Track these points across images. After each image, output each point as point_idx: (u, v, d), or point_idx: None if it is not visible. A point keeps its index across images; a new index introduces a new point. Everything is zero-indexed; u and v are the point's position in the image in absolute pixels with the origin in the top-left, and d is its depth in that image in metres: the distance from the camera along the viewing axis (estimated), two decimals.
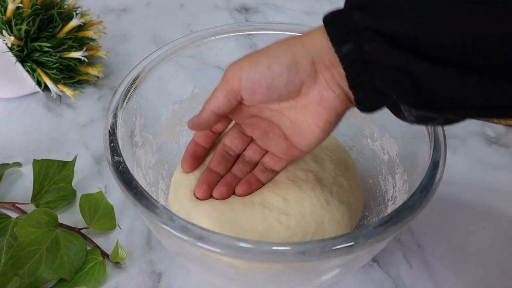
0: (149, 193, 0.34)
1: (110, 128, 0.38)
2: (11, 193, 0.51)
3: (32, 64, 0.57)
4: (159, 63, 0.44)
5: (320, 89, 0.33)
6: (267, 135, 0.39)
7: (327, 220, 0.41)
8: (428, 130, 0.38)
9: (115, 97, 0.40)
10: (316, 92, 0.33)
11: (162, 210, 0.32)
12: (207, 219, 0.39)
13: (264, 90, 0.34)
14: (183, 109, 0.48)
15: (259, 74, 0.33)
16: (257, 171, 0.41)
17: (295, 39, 0.33)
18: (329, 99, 0.33)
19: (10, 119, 0.60)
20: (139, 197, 0.33)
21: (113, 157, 0.36)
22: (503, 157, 0.56)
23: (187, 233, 0.31)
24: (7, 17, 0.54)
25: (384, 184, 0.44)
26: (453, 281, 0.45)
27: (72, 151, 0.56)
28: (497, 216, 0.50)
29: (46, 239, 0.43)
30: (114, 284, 0.44)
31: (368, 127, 0.46)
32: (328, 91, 0.33)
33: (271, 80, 0.33)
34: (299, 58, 0.32)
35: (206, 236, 0.31)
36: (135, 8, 0.78)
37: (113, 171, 0.35)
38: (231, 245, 0.30)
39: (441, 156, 0.36)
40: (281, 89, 0.34)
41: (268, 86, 0.34)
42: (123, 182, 0.34)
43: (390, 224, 0.31)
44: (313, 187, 0.42)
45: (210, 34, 0.46)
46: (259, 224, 0.39)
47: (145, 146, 0.43)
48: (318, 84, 0.33)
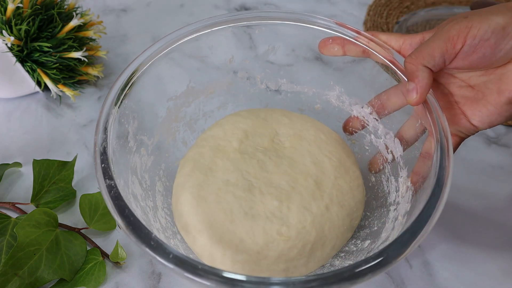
0: (144, 217, 0.32)
1: (101, 147, 0.36)
2: (11, 193, 0.51)
3: (32, 64, 0.56)
4: (152, 62, 0.42)
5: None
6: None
7: (327, 228, 0.41)
8: (435, 136, 0.37)
9: (104, 108, 0.38)
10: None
11: (157, 243, 0.31)
12: (207, 229, 0.39)
13: (487, 50, 0.34)
14: (178, 105, 0.47)
15: (491, 33, 0.34)
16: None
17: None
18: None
19: (10, 119, 0.60)
20: (132, 227, 0.31)
21: (105, 180, 0.34)
22: (503, 157, 0.56)
23: (182, 268, 0.29)
24: (7, 17, 0.54)
25: (387, 185, 0.44)
26: (453, 281, 0.45)
27: (72, 151, 0.56)
28: (497, 216, 0.50)
29: (46, 239, 0.43)
30: (114, 284, 0.44)
31: (372, 123, 0.46)
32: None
33: (500, 41, 0.34)
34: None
35: (201, 272, 0.29)
36: (135, 8, 0.78)
37: (105, 195, 0.33)
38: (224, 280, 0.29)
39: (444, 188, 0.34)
40: (502, 53, 0.34)
41: (494, 47, 0.34)
42: (116, 210, 0.32)
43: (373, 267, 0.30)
44: (313, 193, 0.42)
45: (204, 26, 0.45)
46: (259, 236, 0.39)
47: (140, 150, 0.43)
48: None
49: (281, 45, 0.49)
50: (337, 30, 0.44)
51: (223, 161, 0.44)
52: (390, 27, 0.74)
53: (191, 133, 0.50)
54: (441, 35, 0.36)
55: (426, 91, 0.36)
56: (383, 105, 0.43)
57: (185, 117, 0.48)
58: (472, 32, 0.34)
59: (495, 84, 0.37)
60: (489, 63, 0.36)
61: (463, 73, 0.39)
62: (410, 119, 0.41)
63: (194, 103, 0.49)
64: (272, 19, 0.45)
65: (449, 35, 0.35)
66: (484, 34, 0.34)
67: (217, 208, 0.40)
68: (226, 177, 0.42)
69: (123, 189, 0.35)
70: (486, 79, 0.38)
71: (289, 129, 0.47)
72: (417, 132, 0.40)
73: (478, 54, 0.35)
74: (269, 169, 0.43)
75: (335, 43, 0.43)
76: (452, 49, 0.35)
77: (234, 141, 0.45)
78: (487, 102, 0.37)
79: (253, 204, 0.41)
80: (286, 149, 0.45)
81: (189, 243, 0.41)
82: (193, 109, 0.49)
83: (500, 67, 0.37)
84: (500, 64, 0.36)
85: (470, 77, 0.38)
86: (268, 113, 0.49)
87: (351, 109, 0.48)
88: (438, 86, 0.40)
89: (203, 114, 0.50)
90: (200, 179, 0.43)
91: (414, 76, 0.36)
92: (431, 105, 0.37)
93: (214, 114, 0.51)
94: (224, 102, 0.51)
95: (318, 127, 0.48)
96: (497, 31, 0.34)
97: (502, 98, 0.36)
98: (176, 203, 0.43)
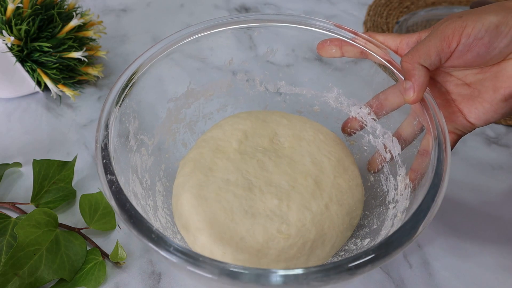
0: (144, 215, 0.32)
1: (102, 143, 0.36)
2: (11, 193, 0.51)
3: (32, 64, 0.56)
4: (152, 63, 0.43)
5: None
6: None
7: (327, 226, 0.41)
8: (433, 134, 0.37)
9: (106, 106, 0.38)
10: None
11: (158, 236, 0.31)
12: (208, 228, 0.39)
13: (481, 49, 0.34)
14: (178, 106, 0.48)
15: (484, 32, 0.34)
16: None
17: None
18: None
19: (10, 119, 0.60)
20: (133, 220, 0.32)
21: (106, 176, 0.34)
22: (503, 157, 0.56)
23: (184, 260, 0.30)
24: (7, 17, 0.54)
25: (385, 183, 0.44)
26: (453, 281, 0.45)
27: (72, 151, 0.56)
28: (497, 216, 0.50)
29: (46, 239, 0.43)
30: (114, 284, 0.44)
31: (370, 123, 0.46)
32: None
33: (494, 40, 0.34)
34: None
35: (202, 264, 0.29)
36: (135, 8, 0.78)
37: (106, 191, 0.33)
38: (226, 271, 0.29)
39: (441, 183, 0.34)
40: (496, 51, 0.35)
41: (488, 45, 0.34)
42: (117, 204, 0.33)
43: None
44: (312, 192, 0.42)
45: (204, 28, 0.45)
46: (259, 234, 0.39)
47: (140, 149, 0.43)
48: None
49: (281, 46, 0.49)
50: (334, 32, 0.44)
51: (223, 161, 0.44)
52: (390, 27, 0.74)
53: (191, 135, 0.50)
54: (437, 34, 0.36)
55: (423, 90, 0.37)
56: (381, 105, 0.43)
57: (185, 118, 0.49)
58: (466, 31, 0.35)
59: (491, 82, 0.37)
60: (484, 61, 0.36)
61: (459, 71, 0.39)
62: (408, 117, 0.41)
63: (194, 105, 0.49)
64: (272, 21, 0.46)
65: (445, 34, 0.35)
66: (478, 33, 0.34)
67: (217, 207, 0.40)
68: (226, 176, 0.43)
69: (124, 186, 0.35)
70: (482, 77, 0.38)
71: (288, 130, 0.47)
72: (415, 131, 0.40)
73: (472, 52, 0.36)
74: (269, 169, 0.43)
75: (333, 45, 0.43)
76: (447, 48, 0.36)
77: (234, 142, 0.45)
78: (483, 100, 0.37)
79: (253, 202, 0.41)
80: (285, 150, 0.46)
81: (189, 243, 0.41)
82: (193, 110, 0.49)
83: (495, 65, 0.37)
84: (495, 62, 0.37)
85: (466, 75, 0.39)
86: (267, 114, 0.49)
87: (350, 110, 0.48)
88: (435, 84, 0.41)
89: (203, 116, 0.50)
90: (200, 179, 0.43)
91: (411, 74, 0.37)
92: (428, 103, 0.38)
93: (213, 116, 0.51)
94: (223, 104, 0.51)
95: (316, 128, 0.48)
96: (490, 29, 0.34)
97: (497, 95, 0.37)
98: (176, 203, 0.43)
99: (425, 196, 0.33)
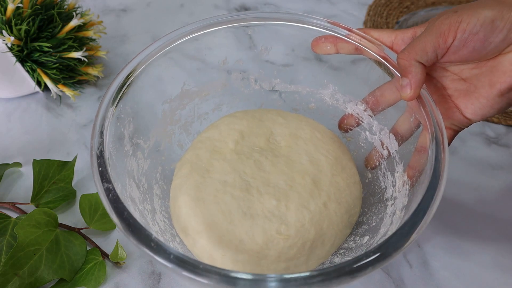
0: (142, 220, 0.32)
1: (97, 150, 0.35)
2: (11, 193, 0.51)
3: (32, 64, 0.56)
4: (149, 62, 0.42)
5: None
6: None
7: (326, 225, 0.41)
8: (430, 131, 0.37)
9: (100, 111, 0.38)
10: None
11: (157, 244, 0.31)
12: (206, 230, 0.39)
13: (477, 43, 0.34)
14: (173, 108, 0.47)
15: (480, 27, 0.34)
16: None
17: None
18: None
19: (10, 119, 0.60)
20: (132, 229, 0.31)
21: (103, 184, 0.33)
22: (503, 157, 0.56)
23: (184, 268, 0.29)
24: (7, 17, 0.54)
25: (383, 180, 0.44)
26: (453, 280, 0.45)
27: (72, 151, 0.56)
28: (497, 216, 0.50)
29: (46, 239, 0.43)
30: (114, 284, 0.44)
31: (366, 119, 0.46)
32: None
33: (489, 35, 0.34)
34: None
35: (203, 272, 0.29)
36: (135, 8, 0.78)
37: (103, 199, 0.33)
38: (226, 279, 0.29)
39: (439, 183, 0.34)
40: (492, 46, 0.34)
41: (483, 40, 0.34)
42: (115, 212, 0.32)
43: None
44: (310, 191, 0.42)
45: (203, 26, 0.45)
46: (259, 236, 0.39)
47: (136, 153, 0.42)
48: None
49: (276, 44, 0.49)
50: (329, 28, 0.44)
51: (219, 162, 0.44)
52: (390, 27, 0.74)
53: (187, 136, 0.50)
54: (433, 30, 0.36)
55: (419, 86, 0.37)
56: (377, 101, 0.43)
57: (180, 119, 0.48)
58: (462, 26, 0.35)
59: (487, 77, 0.37)
60: (480, 56, 0.36)
61: (456, 66, 0.39)
62: (405, 114, 0.41)
63: (188, 106, 0.49)
64: (269, 20, 0.46)
65: (440, 30, 0.35)
66: (473, 28, 0.34)
67: (215, 209, 0.40)
68: (224, 178, 0.42)
69: (121, 192, 0.34)
70: (478, 72, 0.38)
71: (284, 128, 0.47)
72: (412, 127, 0.40)
73: (468, 48, 0.36)
74: (266, 169, 0.43)
75: (327, 42, 0.43)
76: (444, 44, 0.36)
77: (230, 142, 0.45)
78: (479, 95, 0.37)
79: (251, 204, 0.41)
80: (282, 149, 0.45)
81: (188, 246, 0.41)
82: (188, 111, 0.49)
83: (491, 60, 0.37)
84: (491, 56, 0.37)
85: (462, 70, 0.39)
86: (263, 113, 0.49)
87: (346, 107, 0.48)
88: (431, 80, 0.41)
89: (198, 117, 0.50)
90: (198, 181, 0.42)
91: (407, 71, 0.37)
92: (424, 99, 0.38)
93: (209, 116, 0.51)
94: (218, 104, 0.51)
95: (313, 126, 0.48)
96: (485, 24, 0.34)
97: (493, 90, 0.37)
98: (174, 206, 0.43)
99: (424, 195, 0.33)
